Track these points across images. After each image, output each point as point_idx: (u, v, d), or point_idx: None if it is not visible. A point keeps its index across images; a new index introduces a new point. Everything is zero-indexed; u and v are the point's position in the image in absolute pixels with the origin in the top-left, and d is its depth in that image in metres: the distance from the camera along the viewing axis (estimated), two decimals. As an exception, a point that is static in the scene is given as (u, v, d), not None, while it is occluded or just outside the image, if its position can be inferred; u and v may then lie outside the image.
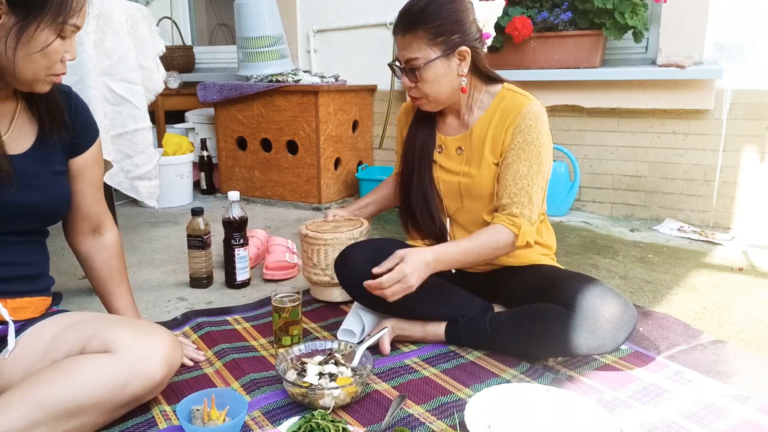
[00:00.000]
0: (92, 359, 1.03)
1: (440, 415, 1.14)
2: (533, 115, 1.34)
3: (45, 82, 1.08)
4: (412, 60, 1.32)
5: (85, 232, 1.33)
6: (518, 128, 1.34)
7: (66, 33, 1.05)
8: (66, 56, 1.07)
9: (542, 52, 2.73)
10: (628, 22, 2.48)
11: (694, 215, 2.65)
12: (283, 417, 1.13)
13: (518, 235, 1.32)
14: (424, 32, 1.30)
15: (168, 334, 1.15)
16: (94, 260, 1.34)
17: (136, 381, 1.05)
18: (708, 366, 1.34)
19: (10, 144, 1.12)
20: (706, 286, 1.88)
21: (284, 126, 3.01)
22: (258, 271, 2.05)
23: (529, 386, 1.18)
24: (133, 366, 1.04)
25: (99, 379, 1.01)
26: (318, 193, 3.01)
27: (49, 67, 1.06)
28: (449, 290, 1.43)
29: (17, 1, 0.99)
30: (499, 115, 1.39)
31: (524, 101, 1.36)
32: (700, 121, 2.56)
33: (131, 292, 1.40)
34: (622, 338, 1.23)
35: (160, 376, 1.08)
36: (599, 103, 2.70)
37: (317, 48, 3.45)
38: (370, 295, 1.41)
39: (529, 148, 1.34)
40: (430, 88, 1.35)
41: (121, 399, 1.04)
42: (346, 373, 1.21)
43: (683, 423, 1.11)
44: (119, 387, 1.03)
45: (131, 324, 1.14)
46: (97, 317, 1.17)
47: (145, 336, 1.09)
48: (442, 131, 1.49)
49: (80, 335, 1.09)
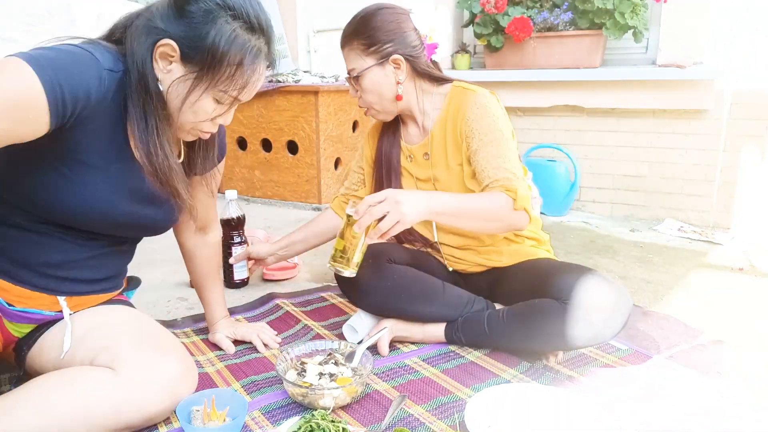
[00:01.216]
0: (94, 375, 1.01)
1: (440, 415, 1.14)
2: (478, 105, 1.36)
3: (189, 133, 1.10)
4: (351, 71, 1.41)
5: (192, 231, 1.41)
6: (470, 120, 1.36)
7: (223, 101, 1.05)
8: (219, 120, 1.08)
9: (542, 52, 2.73)
10: (628, 22, 2.48)
11: (694, 215, 2.65)
12: (283, 417, 1.13)
13: (515, 199, 1.27)
14: (357, 43, 1.39)
15: (181, 360, 1.10)
16: (196, 256, 1.43)
17: (131, 408, 1.01)
18: (708, 366, 1.34)
19: None
20: (706, 286, 1.88)
21: (284, 126, 3.01)
22: (258, 271, 2.05)
23: (529, 386, 1.18)
24: (129, 393, 1.01)
25: (95, 397, 0.99)
26: (318, 193, 3.01)
27: (197, 122, 1.07)
28: (442, 289, 1.42)
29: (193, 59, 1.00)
30: (453, 114, 1.41)
31: (469, 95, 1.38)
32: (700, 121, 2.56)
33: (222, 286, 1.50)
34: (618, 326, 1.24)
35: (156, 409, 1.03)
36: (599, 103, 2.70)
37: (317, 48, 3.45)
38: (369, 297, 1.41)
39: (489, 130, 1.34)
40: (371, 96, 1.41)
41: (115, 424, 1.00)
42: (346, 373, 1.21)
43: (683, 423, 1.11)
44: (113, 412, 0.99)
45: (146, 343, 1.09)
46: (119, 326, 1.13)
47: (153, 361, 1.05)
48: (408, 141, 1.51)
49: (96, 344, 1.07)
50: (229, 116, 1.09)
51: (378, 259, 1.40)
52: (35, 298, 1.09)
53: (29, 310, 1.10)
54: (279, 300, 1.74)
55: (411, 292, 1.38)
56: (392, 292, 1.37)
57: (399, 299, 1.38)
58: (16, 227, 1.05)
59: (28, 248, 1.06)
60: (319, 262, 2.16)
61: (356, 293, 1.44)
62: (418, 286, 1.39)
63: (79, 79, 0.92)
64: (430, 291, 1.40)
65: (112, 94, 0.99)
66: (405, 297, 1.38)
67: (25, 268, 1.07)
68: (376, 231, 1.17)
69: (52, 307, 1.11)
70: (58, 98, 0.88)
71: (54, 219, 1.05)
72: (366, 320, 1.45)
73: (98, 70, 0.96)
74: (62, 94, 0.88)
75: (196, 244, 1.43)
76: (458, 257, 1.49)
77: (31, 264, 1.07)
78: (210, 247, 1.45)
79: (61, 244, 1.08)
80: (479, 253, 1.47)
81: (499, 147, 1.33)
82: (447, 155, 1.42)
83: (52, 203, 1.02)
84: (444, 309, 1.41)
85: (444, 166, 1.43)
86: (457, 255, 1.49)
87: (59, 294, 1.11)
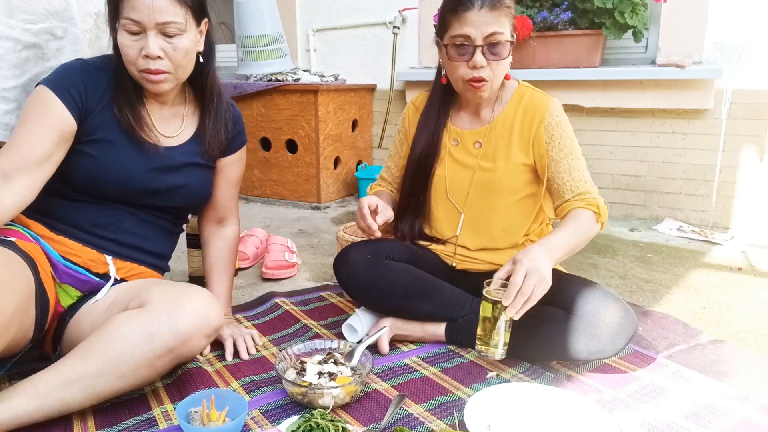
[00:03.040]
0: (127, 313, 1.11)
1: (440, 415, 1.14)
2: (559, 111, 1.39)
3: (141, 79, 1.22)
4: (498, 34, 1.27)
5: (211, 220, 1.52)
6: (549, 126, 1.37)
7: (130, 28, 1.16)
8: (143, 52, 1.17)
9: (542, 51, 2.73)
10: (628, 21, 2.48)
11: (693, 215, 2.65)
12: (283, 416, 1.13)
13: (599, 212, 1.32)
14: (508, 9, 1.29)
15: (206, 296, 1.19)
16: (210, 246, 1.51)
17: (164, 331, 1.08)
18: (707, 365, 1.34)
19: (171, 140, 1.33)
20: (705, 286, 1.88)
21: (284, 125, 3.01)
22: (257, 270, 2.05)
23: (529, 386, 1.18)
24: (160, 317, 1.09)
25: (129, 328, 1.08)
26: (317, 192, 3.01)
27: (131, 63, 1.19)
28: (440, 288, 1.42)
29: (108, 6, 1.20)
30: (522, 113, 1.40)
31: (546, 100, 1.40)
32: (700, 121, 2.56)
33: (231, 282, 1.53)
34: (621, 344, 1.23)
35: (189, 328, 1.10)
36: (599, 103, 2.70)
37: (317, 47, 3.45)
38: (367, 294, 1.41)
39: (567, 141, 1.37)
40: (503, 68, 1.33)
41: (153, 348, 1.07)
42: (345, 372, 1.21)
43: (682, 423, 1.11)
44: (148, 336, 1.07)
45: (172, 285, 1.21)
46: (145, 281, 1.28)
47: (178, 293, 1.15)
48: (458, 124, 1.48)
49: (125, 296, 1.20)
50: (150, 45, 1.16)
51: (377, 256, 1.40)
52: (84, 253, 1.25)
53: (77, 268, 1.24)
54: (278, 299, 1.73)
55: (409, 289, 1.38)
56: (391, 290, 1.37)
57: (397, 297, 1.38)
58: (66, 198, 1.27)
59: (77, 211, 1.27)
60: (319, 261, 2.16)
61: (355, 290, 1.44)
62: (417, 284, 1.39)
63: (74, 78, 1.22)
64: (429, 289, 1.39)
65: (106, 84, 1.25)
66: (403, 295, 1.38)
67: (76, 228, 1.26)
68: (527, 304, 1.14)
69: (99, 267, 1.26)
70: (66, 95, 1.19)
71: (89, 191, 1.26)
72: (365, 319, 1.45)
73: (86, 69, 1.24)
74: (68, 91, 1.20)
75: (212, 233, 1.52)
76: (471, 257, 1.49)
77: (81, 224, 1.26)
78: (224, 239, 1.52)
79: (106, 210, 1.28)
80: (493, 253, 1.47)
81: (577, 160, 1.37)
82: (509, 151, 1.40)
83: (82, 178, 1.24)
84: (442, 308, 1.41)
85: (503, 160, 1.41)
86: (470, 255, 1.49)
87: (106, 252, 1.28)
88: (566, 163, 1.36)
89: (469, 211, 1.46)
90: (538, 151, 1.39)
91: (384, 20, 3.18)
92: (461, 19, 1.28)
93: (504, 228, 1.45)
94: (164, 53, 1.18)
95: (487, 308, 1.19)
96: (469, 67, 1.31)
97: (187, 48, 1.22)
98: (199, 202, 1.45)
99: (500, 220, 1.44)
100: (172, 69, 1.21)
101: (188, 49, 1.23)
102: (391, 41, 3.15)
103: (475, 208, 1.45)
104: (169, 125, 1.34)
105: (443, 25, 1.35)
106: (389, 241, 1.50)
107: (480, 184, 1.43)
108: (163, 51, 1.18)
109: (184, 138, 1.36)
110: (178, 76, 1.25)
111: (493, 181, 1.41)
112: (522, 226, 1.45)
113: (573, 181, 1.36)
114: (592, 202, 1.33)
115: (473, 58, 1.29)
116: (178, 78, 1.25)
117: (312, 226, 2.69)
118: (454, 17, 1.30)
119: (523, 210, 1.44)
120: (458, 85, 1.37)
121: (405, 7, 3.08)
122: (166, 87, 1.24)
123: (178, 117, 1.36)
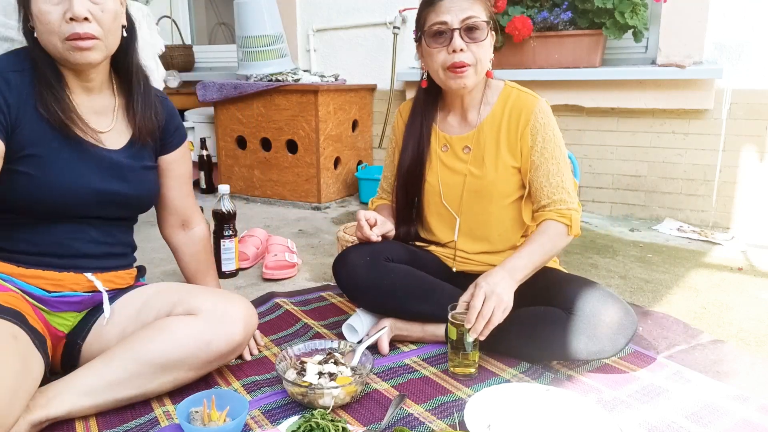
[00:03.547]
0: (180, 320, 1.15)
1: (440, 415, 1.14)
2: (544, 113, 1.37)
3: (68, 49, 1.08)
4: (472, 18, 1.29)
5: (174, 226, 1.43)
6: (534, 128, 1.36)
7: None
8: (67, 15, 1.05)
9: (542, 51, 2.73)
10: (628, 21, 2.48)
11: (693, 215, 2.65)
12: (283, 416, 1.13)
13: (570, 225, 1.33)
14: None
15: (245, 301, 1.25)
16: (183, 253, 1.45)
17: (219, 339, 1.16)
18: (707, 366, 1.34)
19: (108, 139, 1.22)
20: (705, 286, 1.88)
21: (284, 125, 3.01)
22: (257, 271, 2.05)
23: (529, 386, 1.18)
24: (215, 326, 1.16)
25: (187, 336, 1.13)
26: (318, 192, 3.01)
27: (52, 32, 1.06)
28: (440, 289, 1.41)
29: None
30: (508, 115, 1.39)
31: (532, 100, 1.38)
32: (700, 121, 2.56)
33: (217, 281, 1.51)
34: (621, 344, 1.23)
35: (239, 336, 1.19)
36: (599, 103, 2.70)
37: (317, 47, 3.45)
38: (367, 296, 1.41)
39: (550, 145, 1.36)
40: (484, 53, 1.32)
41: (207, 355, 1.16)
42: (345, 372, 1.21)
43: (683, 423, 1.11)
44: (204, 344, 1.14)
45: (212, 291, 1.27)
46: (181, 286, 1.29)
47: (224, 301, 1.21)
48: (446, 130, 1.47)
49: (166, 300, 1.21)
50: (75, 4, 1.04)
51: (376, 257, 1.40)
52: (64, 279, 1.19)
53: (64, 294, 1.19)
54: (279, 299, 1.74)
55: (409, 291, 1.38)
56: (390, 291, 1.37)
57: (397, 298, 1.38)
58: (17, 225, 1.17)
59: (36, 237, 1.17)
60: (319, 262, 2.16)
61: (355, 292, 1.44)
62: (416, 285, 1.39)
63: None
64: (428, 290, 1.39)
65: (26, 87, 1.11)
66: (403, 296, 1.38)
67: (42, 255, 1.17)
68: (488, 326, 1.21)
69: (84, 286, 1.21)
70: None
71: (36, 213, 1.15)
72: (365, 320, 1.45)
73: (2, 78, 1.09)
74: None
75: (181, 240, 1.44)
76: (470, 259, 1.49)
77: (45, 250, 1.17)
78: (196, 243, 1.45)
79: (65, 228, 1.19)
80: (493, 256, 1.47)
81: (559, 164, 1.36)
82: (498, 155, 1.40)
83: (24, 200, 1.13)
84: (442, 309, 1.40)
85: (492, 165, 1.40)
86: (470, 257, 1.49)
87: (84, 271, 1.21)
88: (545, 168, 1.36)
89: (465, 216, 1.46)
90: (524, 153, 1.38)
91: (384, 20, 3.18)
92: (436, 9, 1.31)
93: (500, 232, 1.45)
94: (92, 15, 1.07)
95: (452, 331, 1.26)
96: (448, 53, 1.30)
97: (115, 11, 1.11)
98: (151, 202, 1.36)
99: (496, 223, 1.44)
100: (101, 34, 1.09)
101: (116, 13, 1.12)
102: (391, 41, 3.16)
103: (469, 213, 1.45)
104: (100, 119, 1.22)
105: (420, 22, 1.37)
106: (389, 242, 1.50)
107: (472, 190, 1.43)
108: (90, 13, 1.07)
109: (119, 135, 1.24)
110: (108, 43, 1.13)
111: (485, 186, 1.41)
112: (518, 228, 1.46)
113: (550, 187, 1.36)
114: (566, 214, 1.33)
115: (452, 42, 1.29)
116: (108, 46, 1.13)
117: (312, 226, 2.69)
118: (430, 9, 1.33)
119: (517, 212, 1.44)
120: (439, 76, 1.35)
121: (405, 7, 3.08)
122: (97, 56, 1.11)
123: (108, 110, 1.24)
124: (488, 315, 1.19)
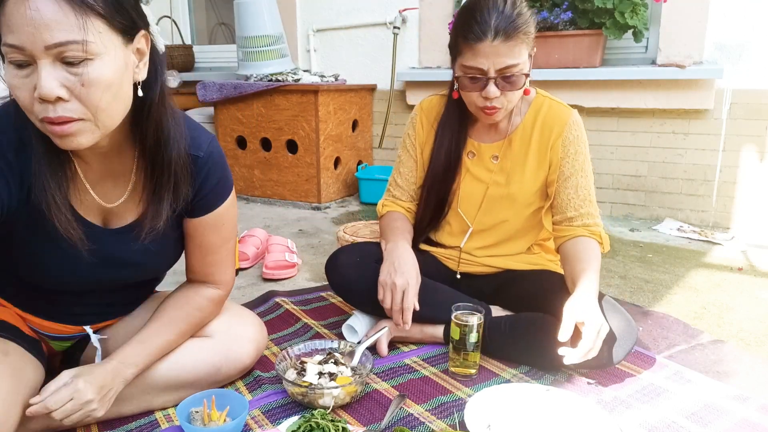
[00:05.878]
0: (193, 344, 1.15)
1: (440, 415, 1.14)
2: (577, 125, 1.37)
3: (48, 132, 0.83)
4: (513, 67, 1.22)
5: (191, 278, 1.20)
6: (566, 140, 1.35)
7: (11, 57, 0.77)
8: (35, 93, 0.78)
9: (542, 51, 2.73)
10: (628, 21, 2.48)
11: (693, 215, 2.65)
12: (283, 416, 1.13)
13: (602, 243, 1.34)
14: (523, 35, 1.21)
15: (256, 320, 1.27)
16: (176, 292, 1.17)
17: (229, 364, 1.18)
18: (707, 366, 1.34)
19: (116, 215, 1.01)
20: (705, 286, 1.88)
21: (284, 125, 3.01)
22: (257, 271, 2.05)
23: (529, 386, 1.18)
24: (226, 351, 1.18)
25: (198, 361, 1.14)
26: (318, 192, 3.01)
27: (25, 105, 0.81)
28: (438, 291, 1.41)
29: None
30: (540, 126, 1.37)
31: (566, 112, 1.37)
32: (700, 121, 2.56)
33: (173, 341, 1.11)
34: (620, 356, 1.21)
35: (249, 361, 1.22)
36: (599, 103, 2.70)
37: (317, 47, 3.45)
38: (362, 298, 1.41)
39: (581, 158, 1.36)
40: (517, 95, 1.28)
41: (216, 378, 1.17)
42: (345, 372, 1.21)
43: (683, 423, 1.11)
44: (215, 369, 1.16)
45: (226, 310, 1.23)
46: None
47: (236, 322, 1.22)
48: (475, 137, 1.44)
49: None
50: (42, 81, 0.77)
51: (366, 260, 1.40)
52: (60, 327, 1.14)
53: (61, 336, 1.16)
54: (279, 298, 1.74)
55: None
56: None
57: None
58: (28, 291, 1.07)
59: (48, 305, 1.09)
60: (319, 262, 2.16)
61: (346, 293, 1.44)
62: None
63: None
64: (425, 292, 1.38)
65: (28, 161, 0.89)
66: None
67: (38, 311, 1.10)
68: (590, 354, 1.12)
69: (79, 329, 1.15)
70: None
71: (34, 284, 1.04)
72: (365, 320, 1.45)
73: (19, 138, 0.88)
74: None
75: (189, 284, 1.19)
76: (474, 261, 1.49)
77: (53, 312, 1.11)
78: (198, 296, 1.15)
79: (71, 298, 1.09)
80: (496, 259, 1.47)
81: (586, 177, 1.36)
82: (525, 166, 1.39)
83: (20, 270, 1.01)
84: (439, 311, 1.39)
85: (519, 175, 1.39)
86: (474, 260, 1.48)
87: (83, 324, 1.15)
88: (574, 180, 1.36)
89: (478, 225, 1.46)
90: (553, 163, 1.38)
91: (384, 20, 3.18)
92: (474, 50, 1.22)
93: (513, 239, 1.46)
94: (68, 91, 0.79)
95: (456, 331, 1.26)
96: (482, 96, 1.26)
97: (105, 79, 0.81)
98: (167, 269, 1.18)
99: (510, 231, 1.44)
100: (85, 114, 0.81)
101: (108, 81, 0.81)
102: (391, 41, 3.15)
103: (484, 222, 1.45)
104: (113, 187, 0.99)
105: (455, 48, 1.28)
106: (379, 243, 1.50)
107: (493, 199, 1.42)
108: (66, 89, 0.78)
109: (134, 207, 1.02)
110: (101, 122, 0.84)
111: (508, 195, 1.41)
112: (531, 237, 1.47)
113: (578, 199, 1.36)
114: (596, 232, 1.34)
115: (486, 89, 1.24)
116: (101, 126, 0.85)
117: (312, 226, 2.69)
118: (466, 46, 1.23)
119: (533, 221, 1.45)
120: (471, 108, 1.34)
121: (405, 8, 3.08)
122: (83, 141, 0.83)
123: (127, 173, 1.00)
124: (597, 346, 1.12)
